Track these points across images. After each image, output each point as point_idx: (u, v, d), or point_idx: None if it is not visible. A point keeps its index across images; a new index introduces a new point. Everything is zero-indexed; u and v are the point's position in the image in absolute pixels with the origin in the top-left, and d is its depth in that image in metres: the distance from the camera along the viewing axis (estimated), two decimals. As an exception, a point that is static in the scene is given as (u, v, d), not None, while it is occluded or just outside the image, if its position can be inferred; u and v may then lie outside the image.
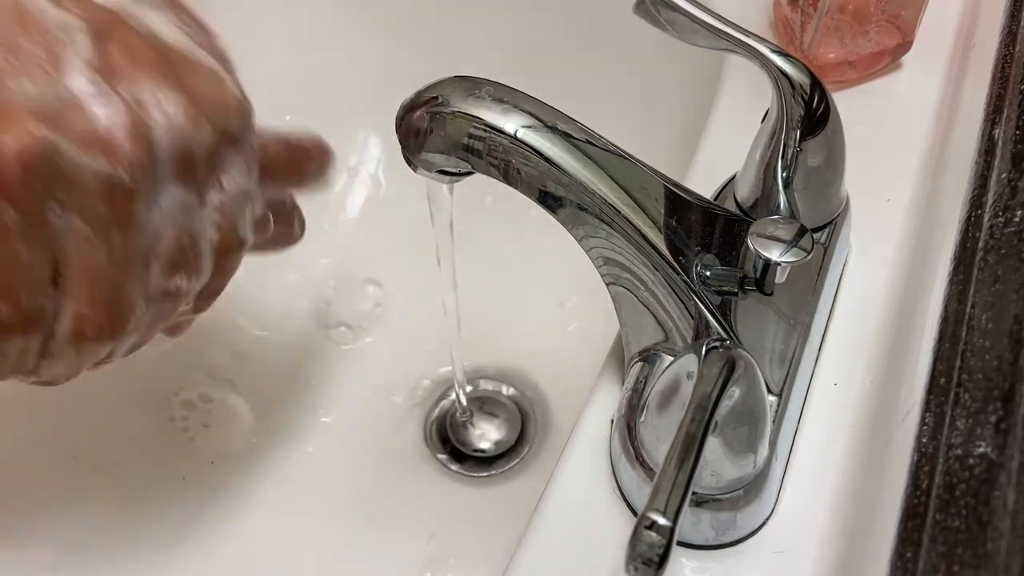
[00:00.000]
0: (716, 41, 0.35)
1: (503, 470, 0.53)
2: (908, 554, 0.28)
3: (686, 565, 0.34)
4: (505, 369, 0.57)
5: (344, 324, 0.58)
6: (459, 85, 0.32)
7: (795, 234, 0.33)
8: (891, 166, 0.44)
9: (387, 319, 0.59)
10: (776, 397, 0.35)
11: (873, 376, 0.38)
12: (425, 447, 0.54)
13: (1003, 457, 0.27)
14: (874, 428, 0.36)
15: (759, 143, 0.37)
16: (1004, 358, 0.29)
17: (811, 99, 0.35)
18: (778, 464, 0.34)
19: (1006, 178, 0.35)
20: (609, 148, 0.33)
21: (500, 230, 0.58)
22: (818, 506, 0.35)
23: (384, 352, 0.58)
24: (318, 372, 0.57)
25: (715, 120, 0.46)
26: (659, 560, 0.25)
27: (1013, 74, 0.41)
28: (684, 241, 0.34)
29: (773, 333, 0.36)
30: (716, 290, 0.34)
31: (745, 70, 0.45)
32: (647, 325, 0.35)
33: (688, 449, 0.27)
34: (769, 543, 0.34)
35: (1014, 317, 0.30)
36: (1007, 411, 0.28)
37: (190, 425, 0.53)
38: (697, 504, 0.33)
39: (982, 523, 0.26)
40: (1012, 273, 0.32)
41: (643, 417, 0.33)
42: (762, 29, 0.50)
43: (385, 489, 0.52)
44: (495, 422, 0.55)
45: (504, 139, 0.31)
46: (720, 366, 0.29)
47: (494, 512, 0.51)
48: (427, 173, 0.34)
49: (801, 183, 0.37)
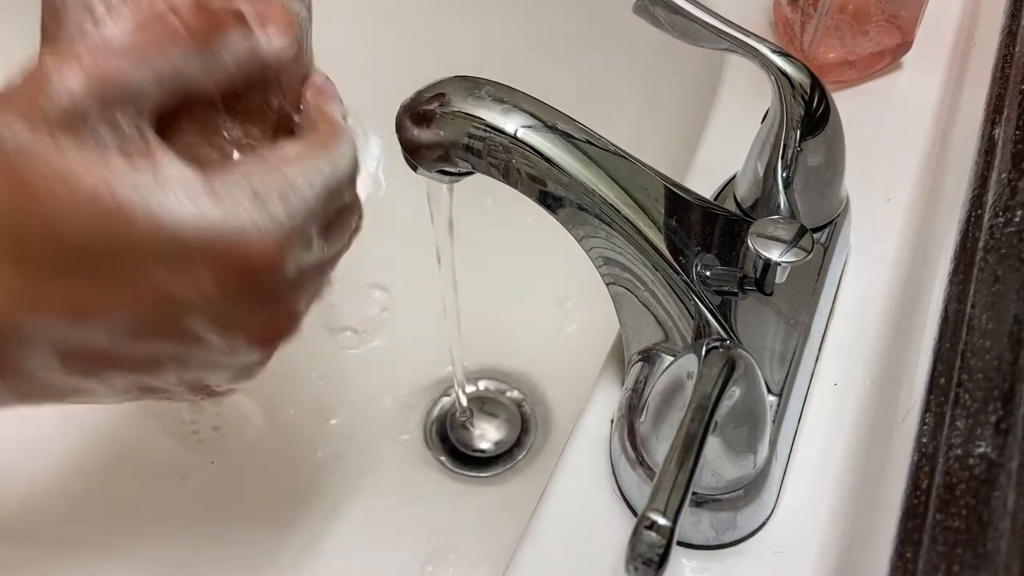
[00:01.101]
0: (716, 41, 0.35)
1: (503, 470, 0.53)
2: (908, 554, 0.28)
3: (686, 565, 0.34)
4: (505, 369, 0.57)
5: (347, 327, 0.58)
6: (459, 85, 0.32)
7: (795, 234, 0.33)
8: (891, 166, 0.44)
9: (386, 319, 0.59)
10: (776, 397, 0.35)
11: (873, 376, 0.38)
12: (425, 447, 0.54)
13: (1003, 457, 0.27)
14: (874, 428, 0.36)
15: (759, 143, 0.37)
16: (1004, 358, 0.29)
17: (811, 99, 0.35)
18: (778, 464, 0.34)
19: (1006, 178, 0.35)
20: (609, 148, 0.33)
21: (500, 230, 0.58)
22: (818, 506, 0.35)
23: (384, 352, 0.58)
24: (325, 373, 0.57)
25: (715, 120, 0.46)
26: (659, 560, 0.25)
27: (1013, 74, 0.41)
28: (684, 241, 0.34)
29: (773, 333, 0.36)
30: (716, 290, 0.34)
31: (745, 70, 0.45)
32: (647, 325, 0.35)
33: (688, 449, 0.27)
34: (769, 543, 0.34)
35: (1014, 317, 0.30)
36: (1007, 411, 0.28)
37: (199, 428, 0.53)
38: (697, 504, 0.33)
39: (982, 523, 0.26)
40: (1012, 273, 0.32)
41: (643, 417, 0.33)
42: (762, 29, 0.50)
43: (385, 489, 0.52)
44: (495, 422, 0.55)
45: (504, 139, 0.31)
46: (720, 366, 0.29)
47: (494, 512, 0.51)
48: (427, 173, 0.34)
49: (801, 183, 0.37)
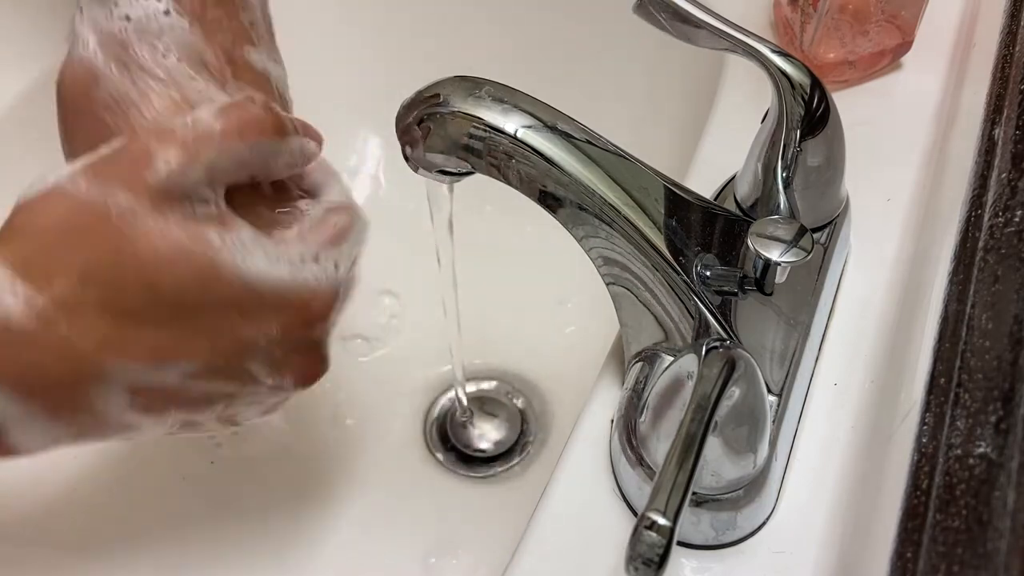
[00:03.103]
0: (716, 41, 0.35)
1: (503, 470, 0.53)
2: (908, 554, 0.28)
3: (686, 565, 0.34)
4: (505, 369, 0.57)
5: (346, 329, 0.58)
6: (459, 85, 0.32)
7: (795, 234, 0.33)
8: (891, 166, 0.44)
9: (385, 319, 0.59)
10: (776, 397, 0.35)
11: (873, 376, 0.38)
12: (425, 447, 0.54)
13: (1003, 457, 0.27)
14: (874, 428, 0.36)
15: (759, 143, 0.37)
16: (1004, 358, 0.29)
17: (811, 99, 0.35)
18: (778, 464, 0.34)
19: (1006, 178, 0.35)
20: (609, 148, 0.33)
21: (500, 230, 0.58)
22: (818, 506, 0.35)
23: (385, 352, 0.58)
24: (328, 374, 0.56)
25: (715, 120, 0.46)
26: (659, 560, 0.25)
27: (1013, 74, 0.41)
28: (684, 241, 0.34)
29: (773, 333, 0.36)
30: (716, 290, 0.34)
31: (745, 70, 0.45)
32: (647, 325, 0.35)
33: (688, 449, 0.27)
34: (769, 543, 0.34)
35: (1014, 317, 0.30)
36: (1007, 411, 0.28)
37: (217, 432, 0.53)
38: (697, 504, 0.33)
39: (982, 523, 0.26)
40: (1012, 273, 0.32)
41: (643, 417, 0.33)
42: (762, 29, 0.50)
43: (386, 489, 0.52)
44: (495, 422, 0.55)
45: (504, 139, 0.31)
46: (720, 366, 0.29)
47: (494, 512, 0.51)
48: (427, 173, 0.34)
49: (801, 183, 0.37)
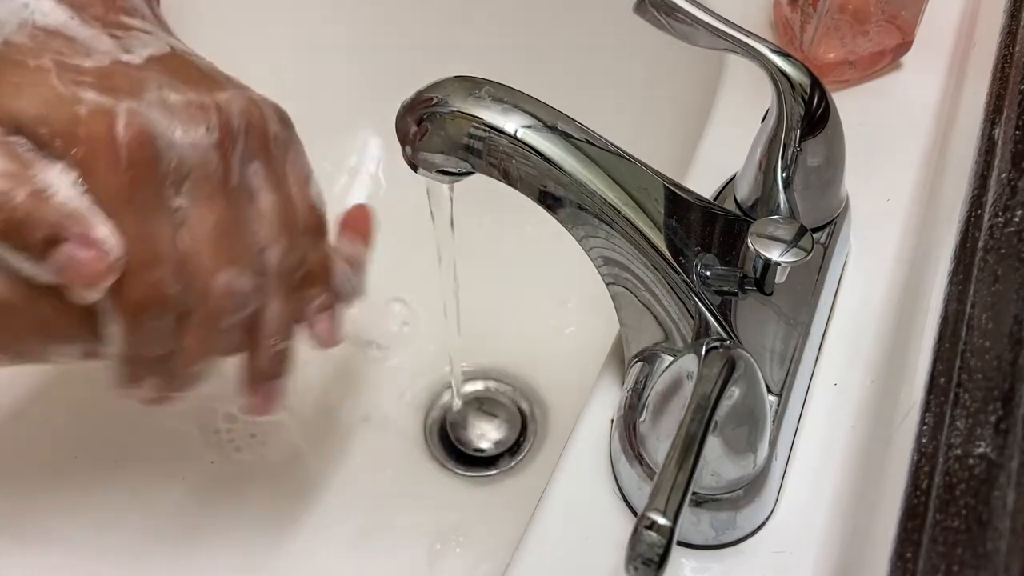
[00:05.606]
0: (716, 41, 0.35)
1: (503, 470, 0.53)
2: (908, 554, 0.28)
3: (686, 565, 0.34)
4: (505, 369, 0.57)
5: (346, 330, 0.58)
6: (459, 85, 0.32)
7: (795, 234, 0.33)
8: (891, 166, 0.44)
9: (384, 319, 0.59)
10: (776, 397, 0.35)
11: (873, 376, 0.38)
12: (425, 447, 0.54)
13: (1003, 457, 0.27)
14: (874, 428, 0.36)
15: (759, 143, 0.37)
16: (1004, 358, 0.29)
17: (811, 99, 0.35)
18: (778, 464, 0.34)
19: (1006, 178, 0.35)
20: (609, 148, 0.33)
21: (500, 230, 0.58)
22: (818, 506, 0.35)
23: (383, 352, 0.58)
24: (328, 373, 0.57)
25: (715, 120, 0.46)
26: (659, 560, 0.25)
27: (1013, 74, 0.41)
28: (684, 241, 0.34)
29: (773, 333, 0.36)
30: (716, 290, 0.34)
31: (745, 70, 0.45)
32: (647, 325, 0.35)
33: (688, 449, 0.27)
34: (769, 543, 0.34)
35: (1014, 317, 0.30)
36: (1007, 411, 0.28)
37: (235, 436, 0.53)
38: (697, 504, 0.33)
39: (982, 523, 0.26)
40: (1012, 273, 0.32)
41: (643, 417, 0.33)
42: (762, 29, 0.50)
43: (385, 489, 0.52)
44: (495, 422, 0.55)
45: (504, 139, 0.31)
46: (720, 366, 0.29)
47: (494, 512, 0.51)
48: (427, 173, 0.34)
49: (801, 183, 0.37)
